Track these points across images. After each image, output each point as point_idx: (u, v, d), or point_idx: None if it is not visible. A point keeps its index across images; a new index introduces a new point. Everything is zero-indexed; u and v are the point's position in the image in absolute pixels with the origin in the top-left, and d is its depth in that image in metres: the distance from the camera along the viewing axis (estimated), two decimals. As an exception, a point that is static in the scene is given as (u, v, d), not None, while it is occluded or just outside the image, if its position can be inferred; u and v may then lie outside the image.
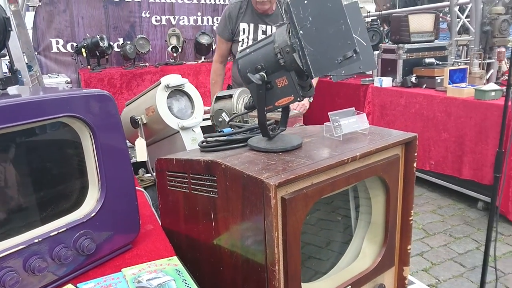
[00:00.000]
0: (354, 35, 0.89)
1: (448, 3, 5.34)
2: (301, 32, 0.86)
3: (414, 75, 4.22)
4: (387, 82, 4.39)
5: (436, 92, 3.92)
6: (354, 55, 0.83)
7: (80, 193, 1.02)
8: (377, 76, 4.58)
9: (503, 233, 3.26)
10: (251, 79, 0.94)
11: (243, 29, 2.68)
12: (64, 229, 0.94)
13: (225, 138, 1.12)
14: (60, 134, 0.99)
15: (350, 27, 0.83)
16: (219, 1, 5.87)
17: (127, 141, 2.17)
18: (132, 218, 1.13)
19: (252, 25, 2.68)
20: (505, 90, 1.94)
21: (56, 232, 0.93)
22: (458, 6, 5.24)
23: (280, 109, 1.08)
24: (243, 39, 2.72)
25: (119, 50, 5.19)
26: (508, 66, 3.36)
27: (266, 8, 2.61)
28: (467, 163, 3.57)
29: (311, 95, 1.05)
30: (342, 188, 1.01)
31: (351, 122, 1.13)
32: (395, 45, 4.33)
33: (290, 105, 2.79)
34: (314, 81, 2.76)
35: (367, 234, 1.19)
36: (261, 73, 0.95)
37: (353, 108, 1.15)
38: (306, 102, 2.47)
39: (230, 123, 1.28)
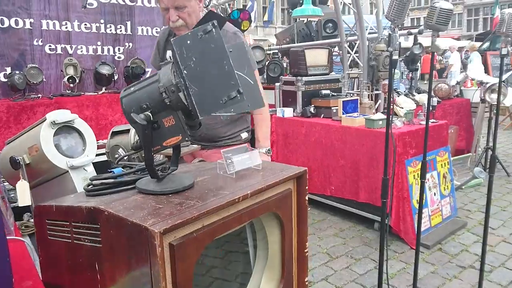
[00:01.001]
0: (241, 74, 0.91)
1: (339, 39, 5.84)
2: (185, 72, 0.84)
3: (313, 105, 4.47)
4: (288, 112, 4.59)
5: (333, 121, 4.19)
6: (238, 95, 0.84)
7: None
8: (279, 106, 4.78)
9: (397, 251, 3.51)
10: (135, 119, 0.89)
11: (169, 56, 2.55)
12: None
13: (112, 180, 1.05)
14: None
15: (233, 68, 0.84)
16: (121, 31, 5.70)
17: (7, 184, 1.95)
18: (3, 276, 0.99)
19: None
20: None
21: None
22: (348, 43, 5.75)
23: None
24: None
25: (6, 80, 4.73)
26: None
27: (182, 33, 2.48)
28: (362, 187, 3.84)
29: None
30: (235, 227, 0.99)
31: (244, 158, 1.14)
32: (294, 77, 4.57)
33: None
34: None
35: (265, 270, 1.19)
36: (146, 112, 0.91)
37: (246, 144, 1.15)
38: None
39: (119, 162, 1.21)
